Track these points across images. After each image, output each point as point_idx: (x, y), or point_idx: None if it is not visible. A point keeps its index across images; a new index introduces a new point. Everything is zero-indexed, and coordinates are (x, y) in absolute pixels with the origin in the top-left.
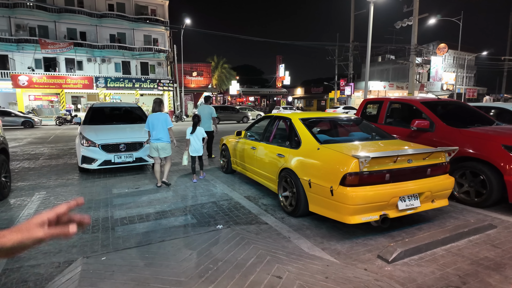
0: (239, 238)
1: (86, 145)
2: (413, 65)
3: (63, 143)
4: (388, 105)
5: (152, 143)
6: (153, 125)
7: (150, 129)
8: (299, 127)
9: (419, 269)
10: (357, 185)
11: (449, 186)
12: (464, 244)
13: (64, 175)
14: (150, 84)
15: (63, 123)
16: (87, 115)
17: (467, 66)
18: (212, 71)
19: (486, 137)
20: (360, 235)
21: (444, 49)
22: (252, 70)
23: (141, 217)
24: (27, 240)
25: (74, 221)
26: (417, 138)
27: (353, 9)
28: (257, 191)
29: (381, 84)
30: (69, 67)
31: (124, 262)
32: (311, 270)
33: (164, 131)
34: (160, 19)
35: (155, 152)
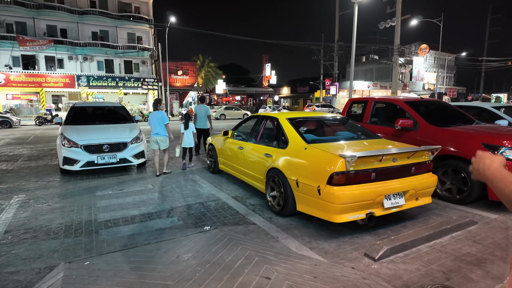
0: (227, 239)
1: (67, 146)
2: (396, 65)
3: (43, 144)
4: (373, 105)
5: (152, 137)
6: (152, 121)
7: (150, 125)
8: (287, 127)
9: (405, 266)
10: (343, 184)
11: (433, 184)
12: (447, 240)
13: (45, 177)
14: (134, 83)
15: (43, 123)
16: (68, 115)
17: (447, 67)
18: (198, 70)
19: (467, 136)
20: (347, 233)
21: (426, 50)
22: (238, 69)
23: (126, 220)
24: None
25: None
26: (401, 137)
27: (338, 10)
28: (245, 191)
29: (365, 83)
30: (49, 65)
31: (109, 266)
32: (300, 270)
33: (162, 127)
34: (144, 16)
35: (155, 145)
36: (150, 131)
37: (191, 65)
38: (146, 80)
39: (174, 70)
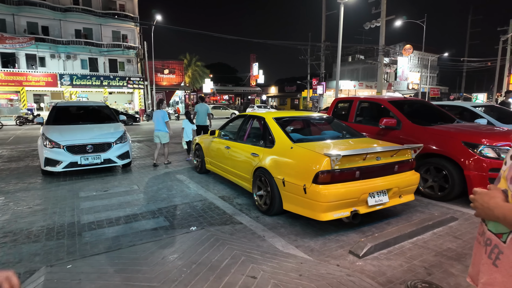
0: (214, 239)
1: (49, 146)
2: (381, 65)
3: (24, 144)
4: (358, 104)
5: (155, 132)
6: (155, 119)
7: (154, 122)
8: (273, 126)
9: (388, 262)
10: (329, 182)
11: (415, 182)
12: (429, 236)
13: (26, 179)
14: (120, 81)
15: (24, 123)
16: (50, 115)
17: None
18: (185, 68)
19: (447, 134)
20: (332, 231)
21: (410, 50)
22: (226, 68)
23: (110, 221)
24: None
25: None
26: (385, 136)
27: (325, 10)
28: (232, 190)
29: (352, 83)
30: (31, 63)
31: (92, 269)
32: (285, 268)
33: (163, 124)
34: (129, 14)
35: (157, 139)
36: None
37: (177, 64)
38: (131, 79)
39: (160, 69)
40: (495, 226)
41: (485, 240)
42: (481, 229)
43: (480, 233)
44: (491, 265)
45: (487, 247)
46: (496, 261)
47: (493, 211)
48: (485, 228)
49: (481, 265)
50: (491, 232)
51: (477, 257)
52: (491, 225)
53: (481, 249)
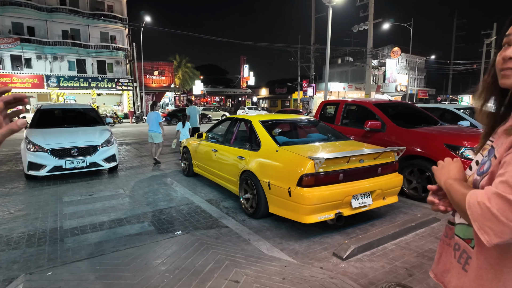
0: (198, 244)
1: (33, 150)
2: (369, 67)
3: (8, 148)
4: (344, 107)
5: (149, 133)
6: (149, 120)
7: (148, 123)
8: (259, 129)
9: (371, 264)
10: (313, 185)
11: (398, 184)
12: (411, 237)
13: (8, 184)
14: (108, 83)
15: None
16: (34, 118)
17: (418, 69)
18: (175, 70)
19: (430, 137)
20: (317, 233)
21: (398, 53)
22: (216, 69)
23: (94, 226)
24: None
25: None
26: (370, 138)
27: (314, 12)
28: (219, 194)
29: (341, 85)
30: (16, 64)
31: (73, 276)
32: (269, 272)
33: (156, 125)
34: (118, 15)
35: (150, 139)
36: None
37: (167, 65)
38: (120, 81)
39: (149, 71)
40: (463, 231)
41: (454, 244)
42: (449, 232)
43: (446, 235)
44: (461, 269)
45: (455, 251)
46: (465, 266)
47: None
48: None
49: (451, 269)
50: (459, 237)
51: (443, 257)
52: (459, 230)
53: (448, 250)
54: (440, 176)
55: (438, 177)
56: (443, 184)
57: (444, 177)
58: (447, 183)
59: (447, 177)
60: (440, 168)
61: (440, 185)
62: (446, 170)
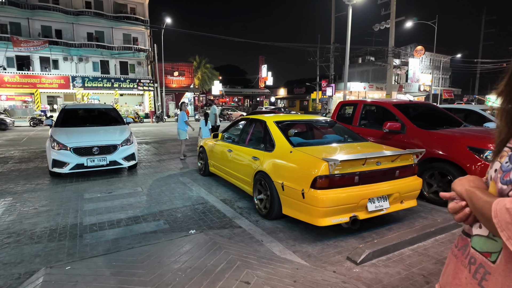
0: (211, 243)
1: (57, 148)
2: (390, 66)
3: (36, 146)
4: (362, 108)
5: (177, 130)
6: (178, 119)
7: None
8: (273, 130)
9: (386, 269)
10: (327, 187)
11: (417, 187)
12: (430, 243)
13: (34, 180)
14: (130, 84)
15: (37, 124)
16: (58, 117)
17: (442, 68)
18: (194, 70)
19: (452, 139)
20: (331, 236)
21: (421, 51)
22: (235, 70)
23: (111, 223)
24: None
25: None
26: (389, 140)
27: (334, 11)
28: (234, 193)
29: (361, 85)
30: (44, 66)
31: (89, 271)
32: (280, 274)
33: (182, 123)
34: (140, 17)
35: (178, 136)
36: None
37: (187, 66)
38: (141, 81)
39: (170, 71)
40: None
41: (469, 258)
42: (460, 243)
43: (456, 245)
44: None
45: (471, 265)
46: (482, 282)
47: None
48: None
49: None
50: (475, 250)
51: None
52: (475, 242)
53: (458, 264)
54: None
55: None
56: (464, 192)
57: (465, 186)
58: (468, 191)
59: (467, 185)
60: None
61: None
62: (465, 180)
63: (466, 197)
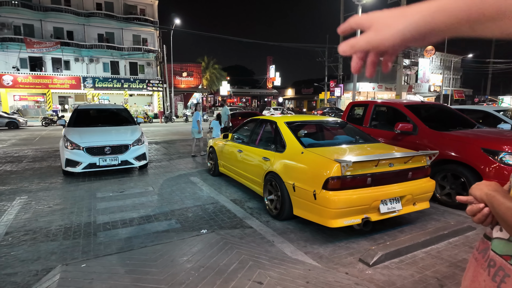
0: (223, 243)
1: (70, 148)
2: (400, 67)
3: (48, 145)
4: (373, 108)
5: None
6: (193, 119)
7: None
8: (284, 131)
9: (399, 272)
10: (339, 189)
11: (430, 189)
12: (443, 246)
13: (47, 179)
14: (139, 84)
15: (49, 124)
16: (71, 117)
17: (453, 68)
18: (203, 71)
19: (466, 140)
20: (343, 238)
21: (432, 51)
22: (243, 70)
23: (124, 222)
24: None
25: None
26: (401, 141)
27: (342, 11)
28: (244, 194)
29: (370, 85)
30: (56, 66)
31: (104, 269)
32: (293, 275)
33: (195, 122)
34: (149, 18)
35: (192, 135)
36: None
37: (195, 66)
38: (151, 82)
39: (178, 72)
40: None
41: (488, 261)
42: (481, 246)
43: (477, 248)
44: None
45: (490, 268)
46: (501, 285)
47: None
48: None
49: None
50: (495, 253)
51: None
52: (495, 245)
53: (478, 268)
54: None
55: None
56: (485, 196)
57: (484, 190)
58: (489, 195)
59: (487, 189)
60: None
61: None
62: (485, 184)
63: (487, 201)
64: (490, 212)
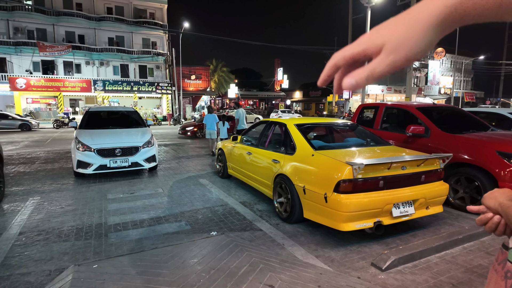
0: (233, 245)
1: (81, 149)
2: (410, 69)
3: (60, 147)
4: (384, 111)
5: (207, 130)
6: (207, 121)
7: (206, 123)
8: (294, 133)
9: (413, 277)
10: (350, 192)
11: (444, 193)
12: (458, 251)
13: (59, 180)
14: (149, 87)
15: (60, 126)
16: (83, 119)
17: (464, 70)
18: (211, 74)
19: (480, 143)
20: (354, 242)
21: (442, 53)
22: (251, 73)
23: (135, 223)
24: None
25: None
26: (413, 144)
27: (351, 14)
28: (253, 196)
29: (379, 88)
30: (67, 70)
31: (116, 270)
32: (304, 278)
33: (214, 124)
34: (158, 22)
35: (209, 135)
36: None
37: (204, 69)
38: (160, 85)
39: (187, 75)
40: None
41: (505, 271)
42: (500, 257)
43: (497, 259)
44: None
45: (507, 280)
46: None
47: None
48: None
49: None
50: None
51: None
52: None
53: (498, 279)
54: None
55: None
56: (499, 206)
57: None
58: (503, 205)
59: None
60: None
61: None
62: (500, 193)
63: (502, 212)
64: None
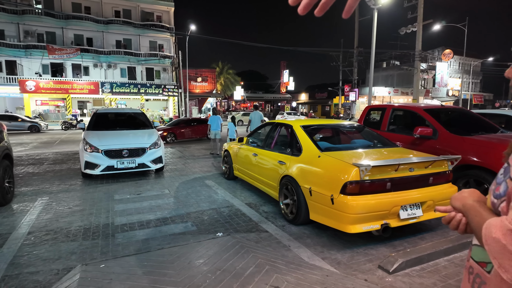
0: (239, 247)
1: (89, 150)
2: (417, 71)
3: (68, 148)
4: (391, 112)
5: (211, 131)
6: (212, 121)
7: (211, 124)
8: (300, 134)
9: (420, 280)
10: (357, 193)
11: (452, 195)
12: (467, 254)
13: (67, 181)
14: (155, 89)
15: (69, 128)
16: (91, 121)
17: (472, 72)
18: (217, 76)
19: (489, 145)
20: (361, 244)
21: (450, 55)
22: (256, 75)
23: (141, 224)
24: None
25: None
26: (420, 146)
27: (358, 15)
28: (259, 198)
29: (386, 90)
30: (76, 72)
31: (122, 270)
32: (310, 280)
33: (218, 125)
34: (165, 25)
35: (213, 135)
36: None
37: (210, 72)
38: (166, 87)
39: (193, 77)
40: (478, 253)
41: (468, 267)
42: (468, 253)
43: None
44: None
45: (469, 275)
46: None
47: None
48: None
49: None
50: (473, 260)
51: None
52: (474, 252)
53: (466, 275)
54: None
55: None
56: (462, 206)
57: (464, 200)
58: (466, 205)
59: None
60: (458, 193)
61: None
62: (468, 193)
63: (464, 212)
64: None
